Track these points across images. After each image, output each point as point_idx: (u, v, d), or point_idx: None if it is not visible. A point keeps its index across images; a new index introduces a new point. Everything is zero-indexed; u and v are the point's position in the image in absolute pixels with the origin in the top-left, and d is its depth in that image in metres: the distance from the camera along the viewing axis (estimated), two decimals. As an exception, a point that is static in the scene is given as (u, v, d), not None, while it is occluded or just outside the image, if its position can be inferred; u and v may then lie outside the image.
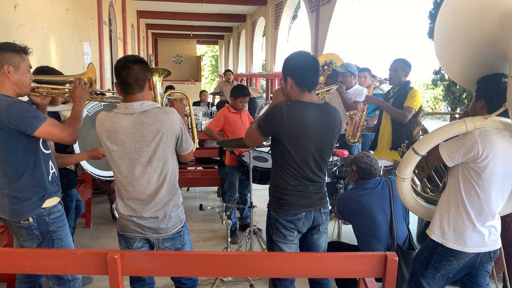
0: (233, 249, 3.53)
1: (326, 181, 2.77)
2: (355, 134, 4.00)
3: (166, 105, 2.59)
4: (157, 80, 2.35)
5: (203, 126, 6.06)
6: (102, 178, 3.16)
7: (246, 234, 3.49)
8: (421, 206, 2.35)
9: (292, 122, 2.12)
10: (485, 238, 2.06)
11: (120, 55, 10.82)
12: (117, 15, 10.32)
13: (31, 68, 2.16)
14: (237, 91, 4.07)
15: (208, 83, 33.76)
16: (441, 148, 2.05)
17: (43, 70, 2.74)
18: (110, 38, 9.64)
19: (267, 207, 2.33)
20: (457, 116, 4.86)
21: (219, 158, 4.83)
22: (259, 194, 4.85)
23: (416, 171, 2.45)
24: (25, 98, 2.24)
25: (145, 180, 2.05)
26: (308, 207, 2.23)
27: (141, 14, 14.95)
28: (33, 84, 2.20)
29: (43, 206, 2.15)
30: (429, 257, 2.16)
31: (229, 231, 3.20)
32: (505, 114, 1.96)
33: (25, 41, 4.15)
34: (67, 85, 2.34)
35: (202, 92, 8.37)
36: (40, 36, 4.69)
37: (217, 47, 30.45)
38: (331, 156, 3.33)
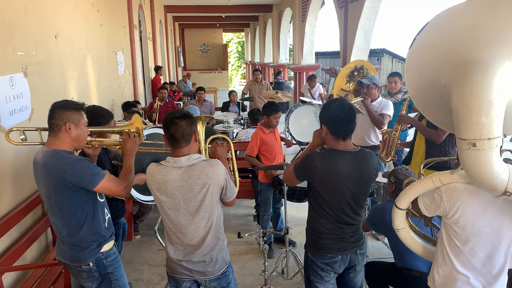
0: (270, 264, 3.64)
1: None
2: (388, 153, 3.98)
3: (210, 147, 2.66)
4: (200, 128, 2.45)
5: (234, 134, 6.16)
6: (143, 202, 3.33)
7: (282, 254, 3.62)
8: (425, 249, 2.25)
9: (326, 172, 2.20)
10: None
11: (150, 54, 11.01)
12: (146, 15, 10.47)
13: (87, 123, 2.30)
14: (269, 109, 4.12)
15: (235, 70, 33.79)
16: (419, 200, 2.04)
17: (90, 111, 2.84)
18: (140, 40, 9.81)
19: (304, 248, 2.43)
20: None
21: (251, 169, 4.93)
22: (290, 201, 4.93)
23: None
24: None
25: (193, 228, 2.19)
26: (344, 250, 2.32)
27: (168, 8, 15.08)
28: (88, 138, 2.35)
29: (101, 251, 2.33)
30: None
31: (266, 255, 3.33)
32: None
33: (65, 66, 4.37)
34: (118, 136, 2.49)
35: (231, 93, 8.43)
36: (78, 58, 4.87)
37: (243, 33, 30.33)
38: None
